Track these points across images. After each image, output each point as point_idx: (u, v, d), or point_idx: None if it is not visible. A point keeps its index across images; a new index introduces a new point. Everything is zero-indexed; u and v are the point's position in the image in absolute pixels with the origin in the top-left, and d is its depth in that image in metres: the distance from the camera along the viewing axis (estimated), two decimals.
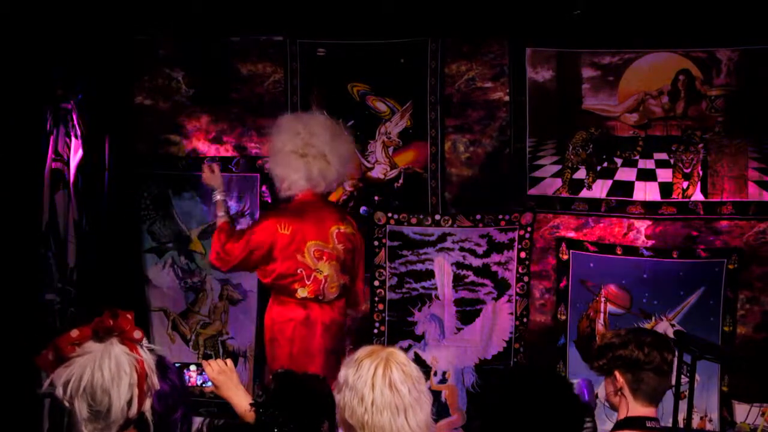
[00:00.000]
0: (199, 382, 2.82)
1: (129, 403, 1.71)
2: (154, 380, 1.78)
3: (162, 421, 1.81)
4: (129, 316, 1.77)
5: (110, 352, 1.72)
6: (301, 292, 3.92)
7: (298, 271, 3.91)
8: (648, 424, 2.47)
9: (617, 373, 2.52)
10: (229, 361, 2.79)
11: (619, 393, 2.52)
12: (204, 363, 2.78)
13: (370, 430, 2.02)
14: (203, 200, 4.93)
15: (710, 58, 4.35)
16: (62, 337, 1.75)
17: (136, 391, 1.71)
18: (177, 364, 2.84)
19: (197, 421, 2.12)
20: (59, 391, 1.72)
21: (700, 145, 4.41)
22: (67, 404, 1.73)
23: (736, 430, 4.32)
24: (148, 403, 1.76)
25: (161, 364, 1.86)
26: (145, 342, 1.80)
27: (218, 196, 4.15)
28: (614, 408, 2.60)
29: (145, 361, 1.75)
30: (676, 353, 3.74)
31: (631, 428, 2.47)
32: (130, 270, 4.83)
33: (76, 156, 4.45)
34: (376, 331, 4.79)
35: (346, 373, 2.09)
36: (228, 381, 2.73)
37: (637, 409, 2.50)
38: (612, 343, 2.56)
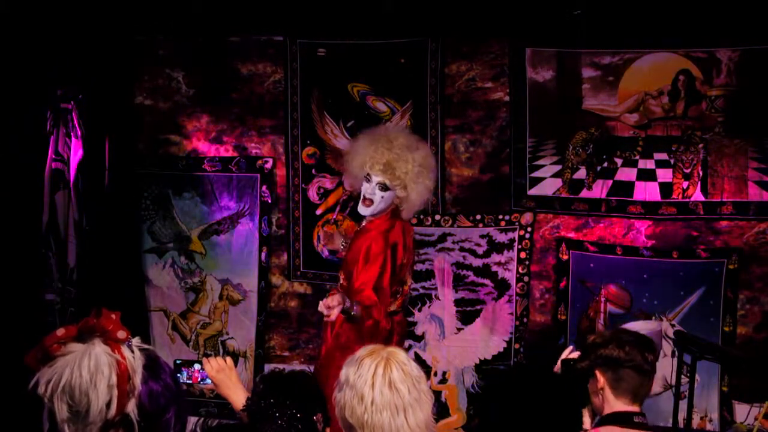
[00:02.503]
0: (199, 380, 2.82)
1: (108, 404, 1.70)
2: (137, 381, 1.76)
3: (154, 422, 1.80)
4: (114, 315, 1.76)
5: (91, 352, 1.71)
6: (392, 306, 3.79)
7: (396, 287, 3.80)
8: (636, 419, 2.46)
9: (598, 373, 2.50)
10: (228, 359, 2.78)
11: (600, 393, 2.51)
12: (204, 361, 2.78)
13: (370, 429, 2.01)
14: (203, 200, 4.94)
15: (710, 58, 4.34)
16: (49, 335, 1.74)
17: (115, 392, 1.70)
18: (178, 361, 2.84)
19: (192, 421, 2.12)
20: (41, 389, 1.72)
21: (700, 145, 4.40)
22: (48, 403, 1.72)
23: (733, 430, 4.32)
24: (131, 405, 1.75)
25: (154, 363, 1.85)
26: (135, 341, 1.79)
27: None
28: (597, 410, 2.57)
29: (128, 362, 1.74)
30: (675, 354, 3.77)
31: (618, 423, 2.45)
32: (130, 270, 4.84)
33: (76, 156, 4.46)
34: None
35: (347, 371, 2.09)
36: (227, 379, 2.72)
37: (619, 406, 2.48)
38: (594, 342, 2.56)
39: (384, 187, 3.70)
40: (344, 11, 4.52)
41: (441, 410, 4.69)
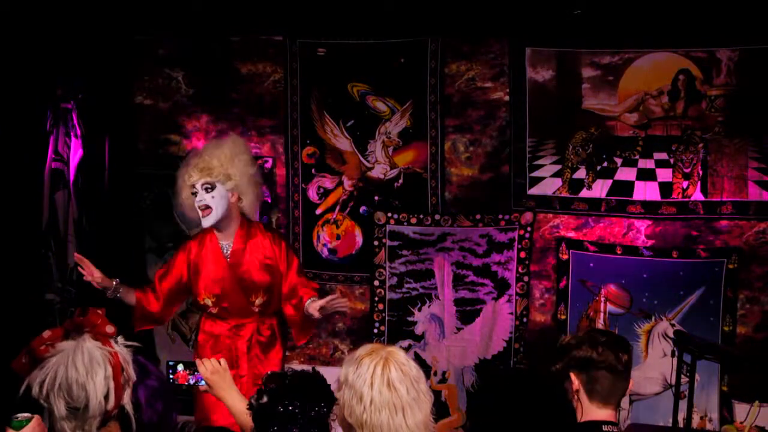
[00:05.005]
0: (192, 381, 2.81)
1: (106, 396, 1.71)
2: (131, 372, 1.77)
3: (147, 419, 1.81)
4: (100, 311, 1.77)
5: (83, 348, 1.72)
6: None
7: None
8: (605, 429, 2.43)
9: (572, 375, 2.48)
10: (222, 361, 2.78)
11: (576, 395, 2.49)
12: (198, 362, 2.77)
13: (369, 429, 2.01)
14: None
15: (710, 58, 4.34)
16: (35, 339, 1.75)
17: (112, 384, 1.71)
18: (171, 362, 2.84)
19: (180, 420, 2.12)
20: (35, 391, 1.72)
21: (700, 145, 4.40)
22: (44, 403, 1.73)
23: (723, 431, 4.31)
24: (126, 396, 1.76)
25: (140, 363, 1.86)
26: (121, 339, 1.80)
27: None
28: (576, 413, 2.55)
29: (120, 354, 1.75)
30: (675, 354, 3.76)
31: None
32: (130, 270, 4.83)
33: (76, 156, 4.46)
34: (376, 331, 4.79)
35: (346, 371, 2.09)
36: (221, 381, 2.72)
37: (592, 411, 2.45)
38: (568, 344, 2.53)
39: (209, 187, 3.69)
40: (344, 11, 4.52)
41: (441, 410, 4.69)
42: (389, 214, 4.75)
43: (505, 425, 1.96)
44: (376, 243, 4.76)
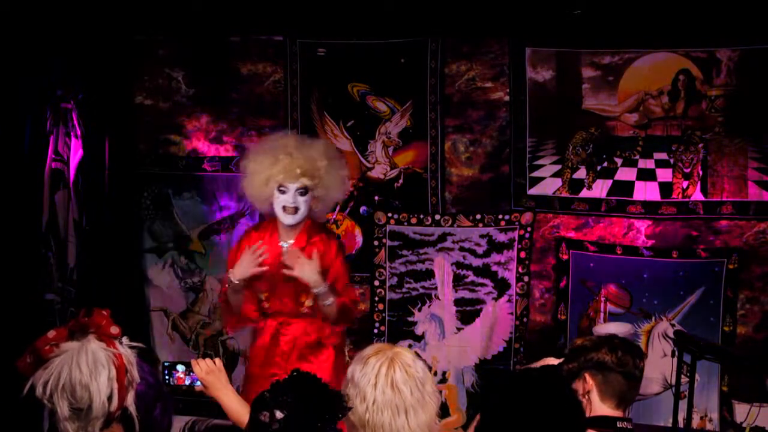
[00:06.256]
0: (187, 382, 2.81)
1: (110, 397, 1.71)
2: (135, 374, 1.78)
3: (143, 420, 1.82)
4: (105, 312, 1.78)
5: (87, 348, 1.72)
6: None
7: None
8: (619, 425, 2.46)
9: (587, 376, 2.52)
10: (218, 361, 2.78)
11: (586, 396, 2.51)
12: (193, 362, 2.77)
13: (371, 429, 2.01)
14: (203, 200, 4.94)
15: (710, 58, 4.34)
16: (40, 339, 1.75)
17: (115, 385, 1.72)
18: (166, 363, 2.84)
19: (180, 419, 2.11)
20: (39, 391, 1.72)
21: (700, 145, 4.40)
22: (47, 404, 1.73)
23: None
24: (130, 398, 1.76)
25: (139, 364, 1.86)
26: (125, 340, 1.80)
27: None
28: None
29: (124, 356, 1.76)
30: (675, 354, 3.77)
31: (600, 427, 2.45)
32: (130, 270, 4.83)
33: (76, 156, 4.46)
34: (376, 331, 4.79)
35: (353, 369, 2.09)
36: (216, 381, 2.72)
37: (603, 410, 2.49)
38: (584, 346, 2.58)
39: (303, 192, 3.65)
40: (344, 11, 4.51)
41: (441, 410, 4.68)
42: (389, 214, 4.75)
43: (507, 425, 1.95)
44: (376, 243, 4.76)
